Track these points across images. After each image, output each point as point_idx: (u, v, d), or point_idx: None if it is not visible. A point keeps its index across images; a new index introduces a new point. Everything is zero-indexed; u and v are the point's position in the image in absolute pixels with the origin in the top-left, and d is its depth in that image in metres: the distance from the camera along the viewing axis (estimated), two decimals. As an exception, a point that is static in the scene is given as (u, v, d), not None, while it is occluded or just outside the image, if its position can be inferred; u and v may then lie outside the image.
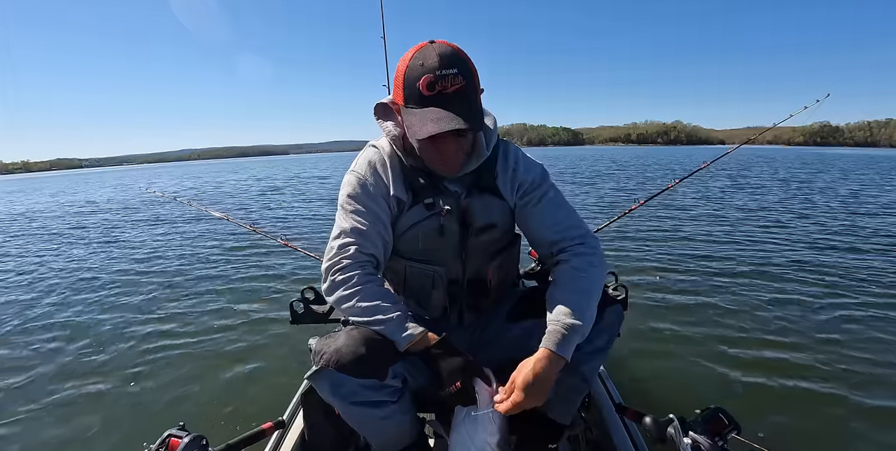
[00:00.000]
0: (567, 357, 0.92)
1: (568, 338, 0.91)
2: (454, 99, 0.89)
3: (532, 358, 0.93)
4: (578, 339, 0.93)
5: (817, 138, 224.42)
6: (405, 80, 0.91)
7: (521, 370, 0.93)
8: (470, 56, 0.97)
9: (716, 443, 0.92)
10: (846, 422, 1.99)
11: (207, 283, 4.32)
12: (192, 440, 1.00)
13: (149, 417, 2.19)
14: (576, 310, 0.93)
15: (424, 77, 0.87)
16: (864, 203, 8.74)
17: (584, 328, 0.93)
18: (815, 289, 3.65)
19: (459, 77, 0.88)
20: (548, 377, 0.91)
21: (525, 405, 0.91)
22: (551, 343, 0.91)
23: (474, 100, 0.93)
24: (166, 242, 6.57)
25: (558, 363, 0.91)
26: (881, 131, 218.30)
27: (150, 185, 20.28)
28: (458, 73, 0.88)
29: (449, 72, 0.87)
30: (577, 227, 1.06)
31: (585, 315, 0.94)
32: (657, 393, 2.24)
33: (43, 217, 10.85)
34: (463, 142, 0.97)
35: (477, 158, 1.04)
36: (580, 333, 0.93)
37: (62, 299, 4.10)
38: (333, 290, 0.98)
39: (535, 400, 0.91)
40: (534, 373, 0.90)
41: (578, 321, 0.92)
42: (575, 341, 0.92)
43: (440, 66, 0.87)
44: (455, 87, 0.88)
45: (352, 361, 0.89)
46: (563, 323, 0.92)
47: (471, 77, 0.91)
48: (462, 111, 0.88)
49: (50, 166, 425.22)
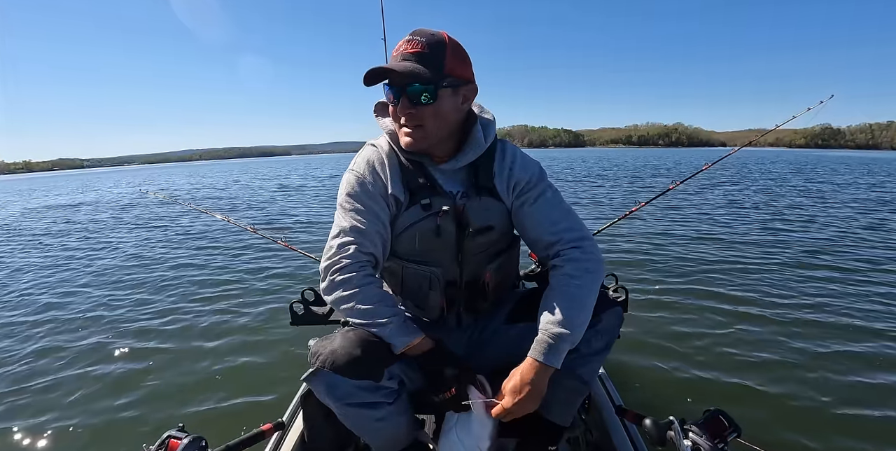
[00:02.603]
0: (555, 366, 0.93)
1: (555, 347, 0.92)
2: (407, 58, 0.93)
3: (520, 367, 0.94)
4: (567, 347, 0.94)
5: (818, 141, 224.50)
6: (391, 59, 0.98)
7: (510, 379, 0.95)
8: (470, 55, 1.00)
9: (716, 445, 0.92)
10: (848, 426, 1.98)
11: (207, 283, 4.32)
12: (191, 442, 0.99)
13: (148, 418, 2.18)
14: (565, 318, 0.93)
15: (399, 42, 0.95)
16: (876, 208, 8.68)
17: (574, 336, 0.93)
18: (819, 291, 3.63)
19: (423, 44, 0.93)
20: (536, 386, 0.92)
21: (516, 411, 0.93)
22: (537, 353, 0.93)
23: (431, 64, 0.93)
24: (166, 242, 6.58)
25: (546, 372, 0.93)
26: (882, 134, 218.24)
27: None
28: (425, 43, 0.93)
29: (414, 37, 0.93)
30: (573, 229, 1.04)
31: (575, 323, 0.94)
32: (657, 395, 2.23)
33: (43, 218, 10.87)
34: (420, 113, 0.96)
35: (473, 150, 1.04)
36: (569, 341, 0.93)
37: (59, 298, 4.11)
38: (332, 290, 0.98)
39: (526, 407, 0.93)
40: (521, 381, 0.92)
41: (566, 330, 0.92)
42: (563, 349, 0.93)
43: (412, 35, 0.94)
44: (414, 50, 0.93)
45: (347, 362, 0.90)
46: (550, 332, 0.93)
47: (438, 50, 0.94)
48: (406, 67, 0.93)
49: (52, 166, 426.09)
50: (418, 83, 0.93)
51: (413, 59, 0.92)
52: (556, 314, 0.94)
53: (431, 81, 0.93)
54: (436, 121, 0.98)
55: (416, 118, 0.97)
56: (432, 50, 0.93)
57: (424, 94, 0.94)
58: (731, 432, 0.94)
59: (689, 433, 0.96)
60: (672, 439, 0.99)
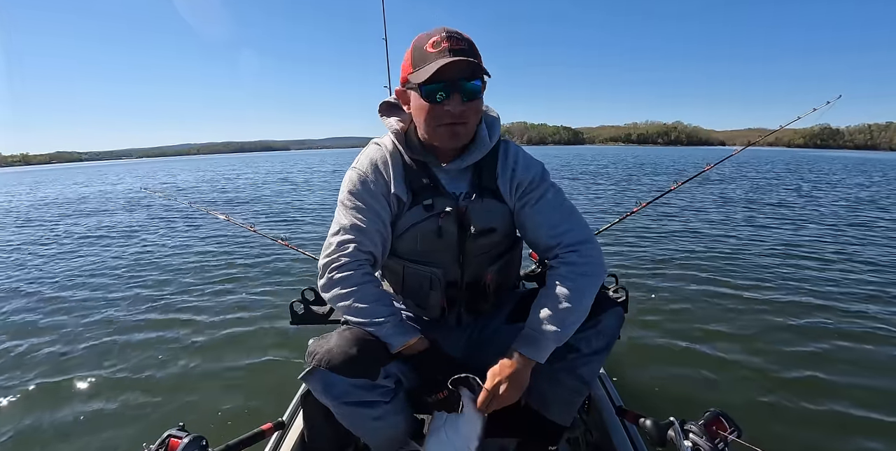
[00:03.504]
0: (537, 359, 0.95)
1: (537, 340, 0.94)
2: (458, 52, 0.89)
3: (504, 356, 0.97)
4: (552, 344, 0.95)
5: (817, 141, 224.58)
6: (413, 49, 0.94)
7: (494, 368, 0.98)
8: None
9: (716, 446, 0.92)
10: (849, 427, 1.98)
11: (207, 283, 4.31)
12: (191, 441, 0.99)
13: (148, 417, 2.18)
14: (552, 316, 0.95)
15: (431, 39, 0.91)
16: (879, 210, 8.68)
17: (561, 335, 0.94)
18: (822, 293, 3.62)
19: (464, 40, 0.91)
20: (517, 375, 0.95)
21: (498, 398, 0.95)
22: (518, 344, 0.96)
23: (477, 58, 0.93)
24: (166, 243, 6.57)
25: (527, 363, 0.95)
26: (881, 134, 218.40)
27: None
28: (462, 39, 0.91)
29: (454, 35, 0.91)
30: (573, 232, 1.04)
31: (565, 322, 0.95)
32: (658, 396, 2.24)
33: (36, 211, 10.84)
34: (469, 110, 0.94)
35: (478, 149, 1.03)
36: (553, 338, 0.94)
37: (57, 296, 4.10)
38: (330, 287, 0.99)
39: (506, 394, 0.95)
40: (500, 367, 0.96)
41: (553, 327, 0.94)
42: (547, 345, 0.95)
43: (447, 32, 0.91)
44: (459, 46, 0.90)
45: (343, 361, 0.90)
46: (533, 327, 0.96)
47: (474, 45, 0.93)
48: (463, 55, 0.90)
49: (49, 160, 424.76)
50: (477, 79, 0.93)
51: (464, 54, 0.89)
52: (543, 312, 0.96)
53: (485, 76, 0.94)
54: (476, 117, 0.98)
55: (466, 115, 0.94)
56: (472, 45, 0.93)
57: (479, 89, 0.94)
58: (731, 432, 0.94)
59: (689, 434, 0.96)
60: (672, 439, 0.99)
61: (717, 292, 3.64)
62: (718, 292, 3.62)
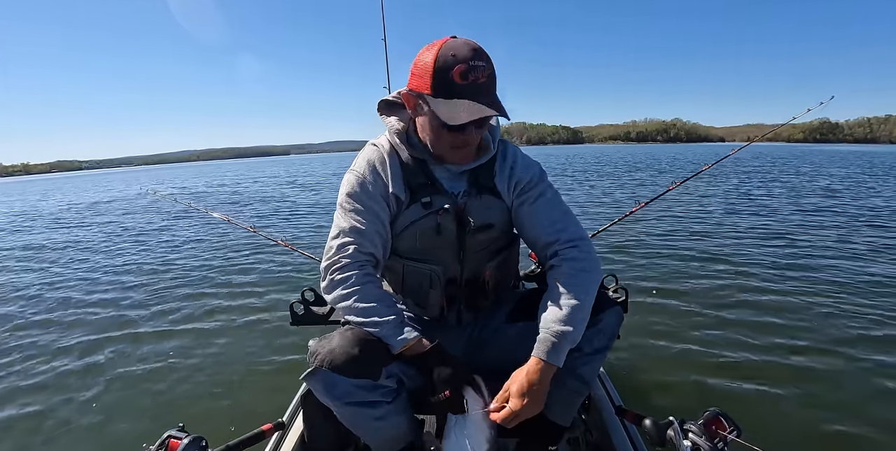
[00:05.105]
0: (558, 365, 0.93)
1: (558, 345, 0.93)
2: (483, 89, 0.91)
3: (524, 367, 0.95)
4: (569, 345, 0.94)
5: (817, 135, 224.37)
6: (436, 71, 0.91)
7: (514, 379, 0.95)
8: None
9: (716, 446, 0.92)
10: (850, 428, 1.97)
11: (207, 284, 4.32)
12: (191, 442, 0.99)
13: (148, 418, 2.18)
14: (566, 316, 0.94)
15: (458, 67, 0.89)
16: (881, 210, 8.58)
17: (575, 334, 0.94)
18: (823, 292, 3.60)
19: (487, 69, 0.91)
20: (541, 386, 0.93)
21: (522, 414, 0.93)
22: (541, 352, 0.93)
23: (495, 90, 0.95)
24: (166, 242, 6.57)
25: (549, 371, 0.93)
26: (881, 128, 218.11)
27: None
28: (486, 65, 0.91)
29: (479, 63, 0.90)
30: (570, 229, 1.05)
31: (575, 320, 0.94)
32: (657, 395, 2.24)
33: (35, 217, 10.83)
34: (481, 132, 1.00)
35: (485, 154, 1.06)
36: (570, 339, 0.94)
37: (59, 296, 4.10)
38: (332, 289, 0.99)
39: (532, 409, 0.93)
40: (528, 382, 0.92)
41: (568, 327, 0.93)
42: (565, 347, 0.94)
43: (472, 58, 0.89)
44: (484, 78, 0.90)
45: (345, 361, 0.90)
46: (552, 331, 0.93)
47: (493, 70, 0.94)
48: (491, 102, 0.92)
49: (50, 169, 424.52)
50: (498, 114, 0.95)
51: (488, 90, 0.92)
52: (556, 312, 0.95)
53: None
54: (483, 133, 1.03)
55: (477, 138, 1.01)
56: (492, 73, 0.93)
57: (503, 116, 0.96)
58: (731, 432, 0.94)
59: (688, 434, 0.96)
60: (672, 439, 0.99)
61: (718, 292, 3.64)
62: (719, 293, 3.61)
